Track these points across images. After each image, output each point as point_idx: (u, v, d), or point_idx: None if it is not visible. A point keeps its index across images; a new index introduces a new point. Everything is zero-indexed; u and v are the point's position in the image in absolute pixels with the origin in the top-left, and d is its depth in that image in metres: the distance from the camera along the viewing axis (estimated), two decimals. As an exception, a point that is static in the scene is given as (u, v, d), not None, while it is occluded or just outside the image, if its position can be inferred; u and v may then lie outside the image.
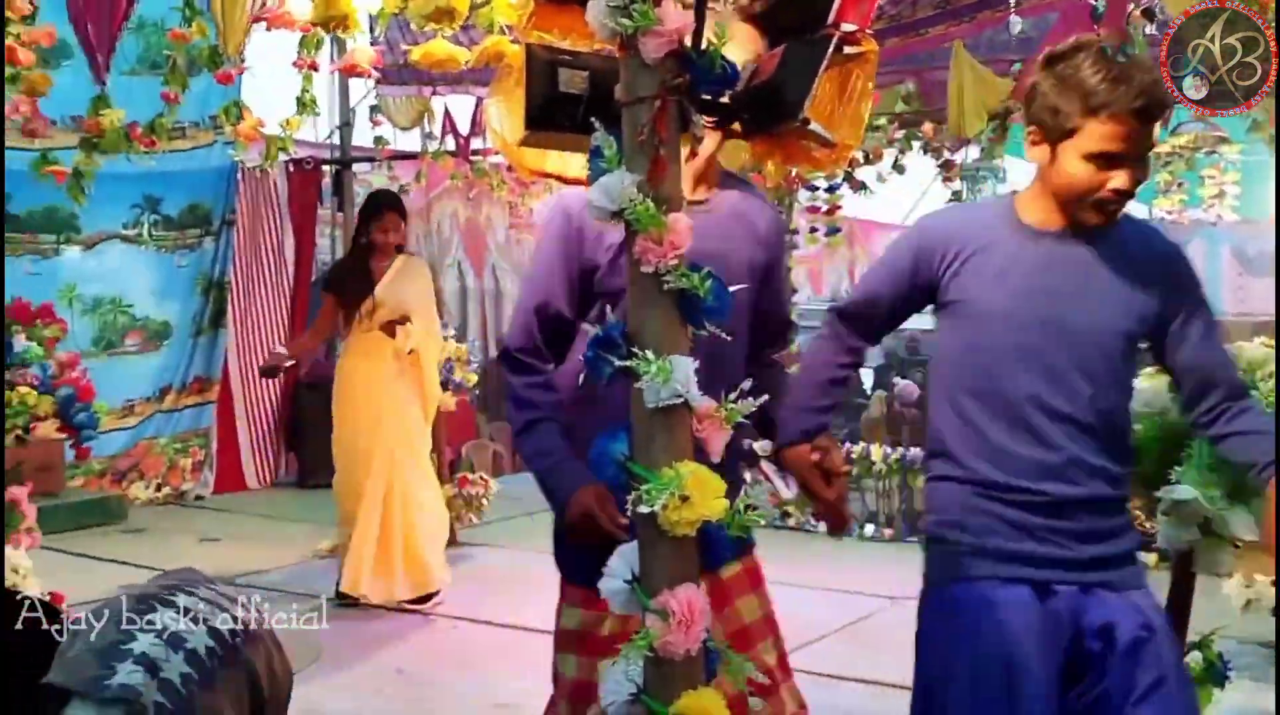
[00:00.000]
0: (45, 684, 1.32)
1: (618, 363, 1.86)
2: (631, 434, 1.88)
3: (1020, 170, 9.86)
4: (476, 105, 9.17)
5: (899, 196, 10.81)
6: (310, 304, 10.19)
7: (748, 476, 6.39)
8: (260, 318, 9.63)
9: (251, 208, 9.57)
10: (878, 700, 4.76)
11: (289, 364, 6.57)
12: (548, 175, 2.28)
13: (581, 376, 1.96)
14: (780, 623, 2.66)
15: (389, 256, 6.12)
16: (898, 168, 8.42)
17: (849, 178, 8.44)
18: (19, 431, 5.21)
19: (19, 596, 1.78)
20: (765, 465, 6.82)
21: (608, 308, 2.33)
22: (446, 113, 9.20)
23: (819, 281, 21.45)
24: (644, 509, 1.80)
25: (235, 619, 1.41)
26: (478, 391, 9.13)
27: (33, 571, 5.28)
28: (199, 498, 9.00)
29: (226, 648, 1.36)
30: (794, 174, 8.71)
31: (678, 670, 1.82)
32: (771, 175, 6.78)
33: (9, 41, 4.21)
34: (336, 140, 10.49)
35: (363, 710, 4.43)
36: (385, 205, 6.19)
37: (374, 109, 9.01)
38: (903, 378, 12.41)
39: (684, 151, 1.93)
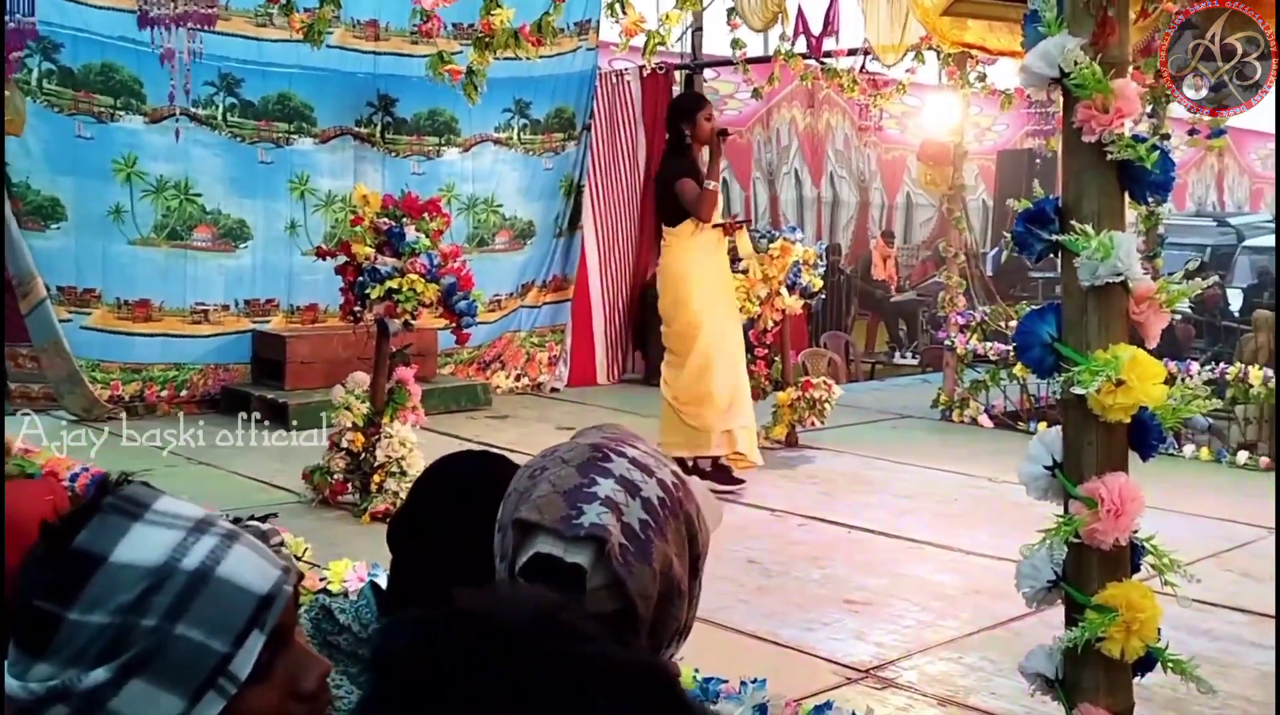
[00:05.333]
0: (516, 520, 1.39)
1: (1050, 238, 1.77)
2: (1061, 314, 1.80)
3: None
4: (830, 4, 8.99)
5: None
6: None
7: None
8: (614, 220, 9.94)
9: (608, 112, 9.83)
10: (1252, 629, 4.48)
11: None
12: (969, 46, 2.19)
13: None
14: None
15: None
16: (1300, 61, 7.56)
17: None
18: (407, 316, 5.59)
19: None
20: None
21: None
22: (800, 13, 9.06)
23: (1181, 195, 19.86)
24: (1075, 392, 1.72)
25: (674, 472, 1.44)
26: (822, 298, 9.11)
27: (416, 446, 5.79)
28: (554, 390, 9.49)
29: (672, 499, 1.39)
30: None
31: (1103, 560, 1.75)
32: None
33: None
34: (687, 47, 10.59)
35: (719, 594, 4.55)
36: (703, 98, 6.60)
37: (730, 11, 8.99)
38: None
39: (1132, 13, 1.80)
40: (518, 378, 9.43)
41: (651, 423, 7.97)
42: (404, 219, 5.59)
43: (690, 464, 6.31)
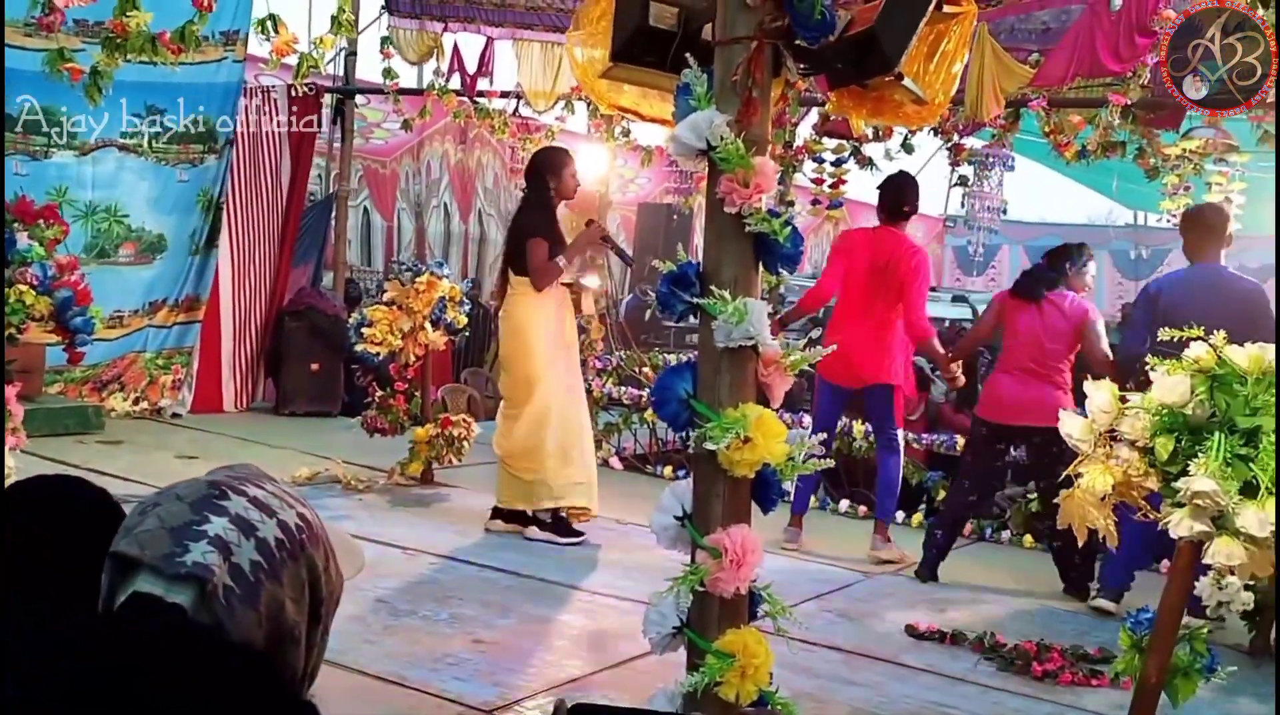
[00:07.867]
0: (113, 553, 1.32)
1: (691, 300, 1.86)
2: (696, 372, 1.89)
3: (1025, 162, 9.89)
4: (486, 45, 9.12)
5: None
6: (300, 232, 10.11)
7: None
8: (252, 240, 9.54)
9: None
10: (846, 666, 4.83)
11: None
12: (624, 110, 2.28)
13: None
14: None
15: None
16: (906, 147, 8.40)
17: (856, 153, 8.44)
18: (12, 330, 5.12)
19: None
20: None
21: None
22: (455, 50, 9.13)
23: (801, 259, 21.44)
24: (706, 447, 1.81)
25: (300, 516, 1.42)
26: (465, 335, 9.12)
27: (15, 472, 5.28)
28: (175, 415, 8.93)
29: (293, 542, 1.37)
30: (801, 145, 8.72)
31: (724, 607, 1.85)
32: (856, 127, 6.88)
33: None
34: (340, 70, 10.38)
35: (345, 635, 4.43)
36: (569, 153, 6.50)
37: (385, 40, 8.91)
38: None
39: (774, 94, 1.93)
40: (136, 401, 8.82)
41: (278, 453, 7.72)
42: (16, 224, 5.14)
43: (529, 515, 6.27)
